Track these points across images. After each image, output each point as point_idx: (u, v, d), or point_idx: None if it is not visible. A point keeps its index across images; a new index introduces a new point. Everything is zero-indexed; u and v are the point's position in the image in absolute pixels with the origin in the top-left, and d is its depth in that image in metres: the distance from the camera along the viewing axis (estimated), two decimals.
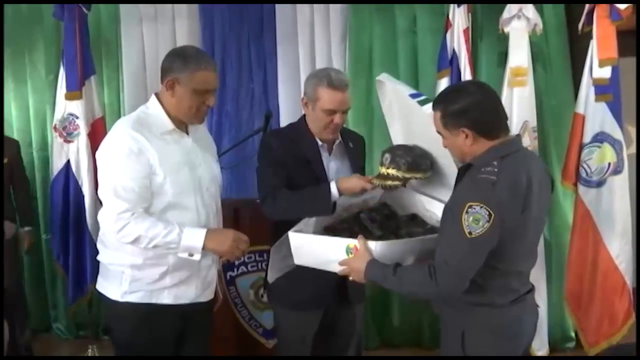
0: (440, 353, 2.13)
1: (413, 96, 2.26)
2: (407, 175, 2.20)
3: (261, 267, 3.22)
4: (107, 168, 2.17)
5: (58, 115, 3.91)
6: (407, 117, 2.36)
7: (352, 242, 2.02)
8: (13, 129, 4.33)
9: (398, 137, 2.55)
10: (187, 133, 2.30)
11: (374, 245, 1.98)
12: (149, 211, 2.16)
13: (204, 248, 2.16)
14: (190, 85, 2.16)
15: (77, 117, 3.87)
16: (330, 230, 2.29)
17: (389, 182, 2.22)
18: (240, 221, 3.21)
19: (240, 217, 3.22)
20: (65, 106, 3.88)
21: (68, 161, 3.93)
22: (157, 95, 2.27)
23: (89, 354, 3.93)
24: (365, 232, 2.15)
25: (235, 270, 3.29)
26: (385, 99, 2.52)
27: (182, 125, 2.28)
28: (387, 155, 2.23)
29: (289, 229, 2.27)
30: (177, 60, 2.18)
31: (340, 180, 2.35)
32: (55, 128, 3.91)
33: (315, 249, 2.17)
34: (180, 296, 2.26)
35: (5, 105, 4.31)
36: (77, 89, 3.83)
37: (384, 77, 2.51)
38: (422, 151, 2.26)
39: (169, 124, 2.23)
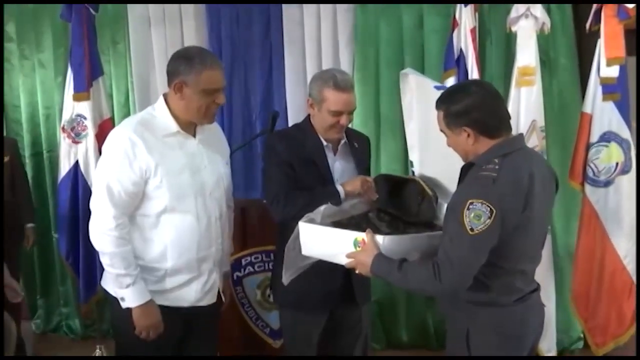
0: (446, 353, 2.13)
1: (438, 88, 2.28)
2: (427, 189, 2.22)
3: (268, 268, 3.22)
4: (101, 167, 2.21)
5: (66, 116, 3.92)
6: (427, 111, 2.36)
7: (360, 236, 2.03)
8: (23, 130, 4.38)
9: (413, 135, 2.57)
10: (195, 134, 2.29)
11: (382, 239, 1.98)
12: (136, 213, 2.19)
13: (131, 308, 2.19)
14: (199, 86, 2.15)
15: (85, 118, 3.88)
16: (339, 226, 2.29)
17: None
18: (247, 221, 3.22)
19: (247, 217, 3.23)
20: (73, 107, 3.88)
21: (77, 162, 3.94)
22: (165, 96, 2.27)
23: (97, 354, 3.95)
24: (374, 230, 2.15)
25: (242, 270, 3.30)
26: (406, 94, 2.54)
27: (190, 127, 2.27)
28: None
29: (294, 229, 2.27)
30: (183, 63, 2.17)
31: (343, 184, 2.41)
32: (63, 129, 3.93)
33: (323, 240, 2.17)
34: (179, 299, 2.28)
35: (15, 105, 4.35)
36: (85, 90, 3.84)
37: (408, 71, 2.55)
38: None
39: (173, 127, 2.23)
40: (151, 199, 2.18)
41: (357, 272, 2.05)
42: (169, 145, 2.21)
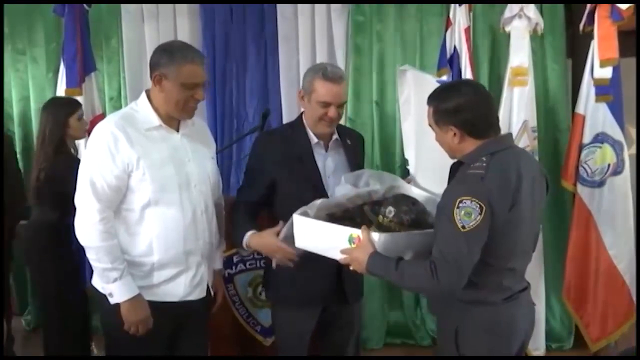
0: (437, 351, 2.13)
1: (440, 82, 2.29)
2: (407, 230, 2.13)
3: (259, 265, 3.22)
4: (85, 162, 2.21)
5: None
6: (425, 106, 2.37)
7: (355, 232, 2.02)
8: (14, 125, 4.37)
9: (410, 133, 2.56)
10: (179, 129, 2.30)
11: (377, 237, 1.97)
12: (121, 208, 2.19)
13: (118, 303, 2.19)
14: (178, 79, 2.16)
15: None
16: (333, 219, 2.27)
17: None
18: None
19: None
20: None
21: None
22: (147, 92, 2.28)
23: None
24: (368, 224, 2.13)
25: (234, 268, 3.29)
26: (403, 90, 2.54)
27: (172, 121, 2.28)
28: (390, 209, 2.14)
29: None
30: (164, 55, 2.18)
31: (252, 237, 2.36)
32: None
33: (317, 234, 2.16)
34: (168, 294, 2.27)
35: (7, 101, 4.33)
36: (77, 85, 3.82)
37: (406, 67, 2.56)
38: (423, 207, 2.20)
39: (155, 120, 2.23)
40: (135, 192, 2.18)
41: (351, 269, 2.04)
42: (152, 138, 2.21)
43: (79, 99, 3.82)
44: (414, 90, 2.49)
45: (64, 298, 3.21)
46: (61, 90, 3.89)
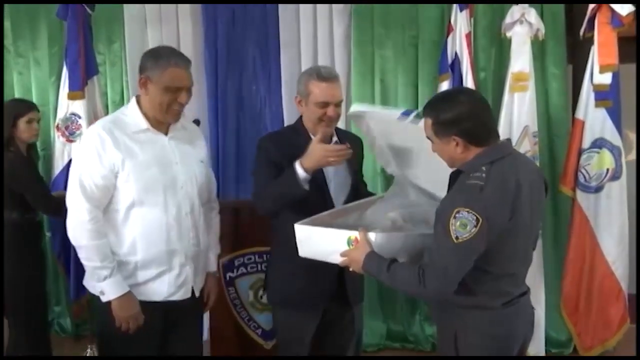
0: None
1: (406, 114, 2.28)
2: None
3: (261, 269, 3.23)
4: (74, 164, 2.31)
5: (60, 115, 3.92)
6: (402, 136, 2.40)
7: (353, 234, 2.06)
8: None
9: (382, 153, 2.60)
10: (167, 132, 2.35)
11: (374, 237, 2.01)
12: (109, 208, 2.25)
13: (109, 300, 2.25)
14: (161, 82, 2.22)
15: (79, 117, 3.88)
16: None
17: None
18: (240, 222, 3.23)
19: (240, 218, 3.23)
20: (67, 106, 3.89)
21: (70, 160, 3.93)
22: (137, 97, 2.34)
23: (88, 354, 3.94)
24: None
25: (235, 271, 3.30)
26: (361, 126, 2.57)
27: (162, 125, 2.33)
28: None
29: (288, 230, 2.28)
30: (150, 59, 2.25)
31: (302, 160, 2.33)
32: (57, 127, 3.93)
33: (318, 240, 2.20)
34: (152, 293, 2.32)
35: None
36: (79, 88, 3.84)
37: (355, 109, 2.57)
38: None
39: (142, 124, 2.29)
40: (120, 193, 2.24)
41: (350, 269, 2.08)
42: (138, 141, 2.28)
43: (82, 102, 3.87)
44: (373, 123, 2.52)
45: (25, 296, 3.20)
46: (64, 93, 3.91)
